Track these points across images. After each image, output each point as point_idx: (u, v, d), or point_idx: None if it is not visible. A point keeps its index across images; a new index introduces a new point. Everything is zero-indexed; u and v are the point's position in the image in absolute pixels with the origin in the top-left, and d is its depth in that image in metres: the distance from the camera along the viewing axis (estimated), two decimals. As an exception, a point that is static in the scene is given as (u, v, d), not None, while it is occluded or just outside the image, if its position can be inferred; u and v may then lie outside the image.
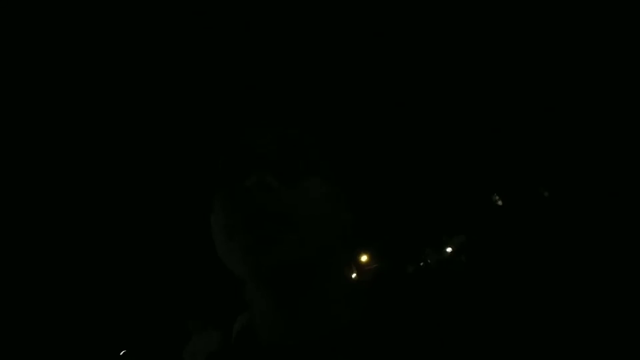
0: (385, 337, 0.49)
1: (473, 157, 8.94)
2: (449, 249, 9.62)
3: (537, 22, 6.62)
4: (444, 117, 8.25)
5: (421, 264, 10.13)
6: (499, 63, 7.39)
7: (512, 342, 0.46)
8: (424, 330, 0.48)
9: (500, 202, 8.68)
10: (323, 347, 0.48)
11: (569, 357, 0.46)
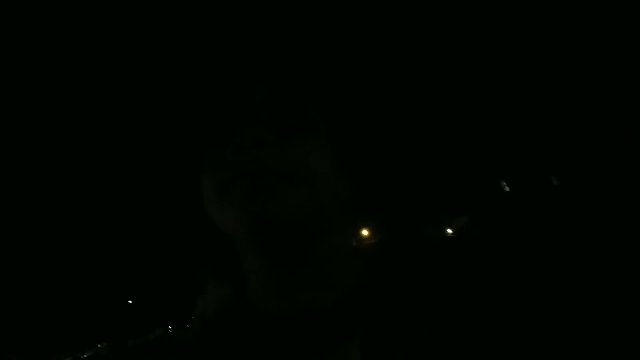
0: (384, 307, 0.47)
1: (484, 141, 8.86)
2: (449, 230, 9.70)
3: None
4: (458, 95, 8.10)
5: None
6: (514, 48, 7.20)
7: (508, 315, 0.44)
8: (423, 300, 0.46)
9: (507, 189, 8.65)
10: (321, 318, 0.46)
11: (567, 334, 0.44)
